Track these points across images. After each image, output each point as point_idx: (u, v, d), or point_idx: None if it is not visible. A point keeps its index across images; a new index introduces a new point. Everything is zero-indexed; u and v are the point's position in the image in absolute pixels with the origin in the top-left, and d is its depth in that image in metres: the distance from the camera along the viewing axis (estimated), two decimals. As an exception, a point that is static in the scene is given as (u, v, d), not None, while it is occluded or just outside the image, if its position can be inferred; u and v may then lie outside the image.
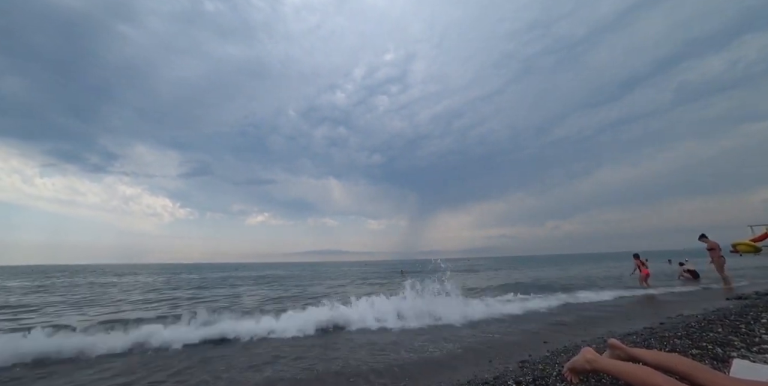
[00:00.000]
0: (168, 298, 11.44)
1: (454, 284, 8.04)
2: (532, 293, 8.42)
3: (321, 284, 17.05)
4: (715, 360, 2.46)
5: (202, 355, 4.28)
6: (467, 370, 3.37)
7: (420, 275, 23.60)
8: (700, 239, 9.64)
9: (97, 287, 17.10)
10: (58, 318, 7.62)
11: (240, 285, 17.45)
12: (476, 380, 2.89)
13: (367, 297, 7.20)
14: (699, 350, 2.75)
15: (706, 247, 9.61)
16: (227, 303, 9.66)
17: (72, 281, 22.28)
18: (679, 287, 9.68)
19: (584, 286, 10.39)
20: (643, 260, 10.75)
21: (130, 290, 15.13)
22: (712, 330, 3.47)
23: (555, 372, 2.45)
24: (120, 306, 9.58)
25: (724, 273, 9.41)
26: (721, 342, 2.95)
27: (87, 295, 12.74)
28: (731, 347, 2.76)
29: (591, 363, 2.07)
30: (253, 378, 3.35)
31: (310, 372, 3.47)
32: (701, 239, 9.62)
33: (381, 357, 3.99)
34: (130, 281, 21.38)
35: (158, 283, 19.82)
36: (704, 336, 3.26)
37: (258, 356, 4.17)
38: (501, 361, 3.57)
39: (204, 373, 3.54)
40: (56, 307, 9.36)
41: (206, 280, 22.31)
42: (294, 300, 10.32)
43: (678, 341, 3.15)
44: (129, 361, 4.10)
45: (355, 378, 3.25)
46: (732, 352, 2.60)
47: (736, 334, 3.20)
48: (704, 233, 9.62)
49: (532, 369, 2.93)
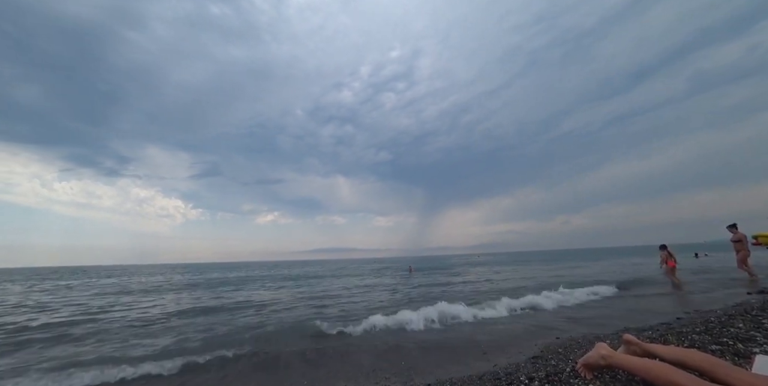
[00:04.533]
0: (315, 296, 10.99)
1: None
2: (543, 290, 8.28)
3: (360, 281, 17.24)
4: (736, 356, 2.37)
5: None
6: (480, 365, 3.36)
7: (427, 272, 23.55)
8: (729, 228, 8.97)
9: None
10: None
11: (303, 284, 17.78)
12: (488, 375, 2.87)
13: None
14: (719, 345, 2.66)
15: (732, 238, 8.99)
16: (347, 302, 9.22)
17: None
18: (698, 283, 9.33)
19: (593, 281, 10.14)
20: (670, 251, 10.00)
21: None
22: (732, 326, 3.36)
23: (569, 367, 2.41)
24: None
25: (748, 267, 8.91)
26: (743, 337, 2.84)
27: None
28: (753, 343, 2.67)
29: (606, 358, 2.02)
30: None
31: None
32: (730, 228, 8.96)
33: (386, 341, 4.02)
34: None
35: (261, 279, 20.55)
36: (724, 331, 3.15)
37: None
38: (512, 356, 3.54)
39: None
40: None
41: (268, 278, 22.27)
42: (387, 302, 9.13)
43: (696, 336, 3.06)
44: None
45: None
46: (754, 348, 2.51)
47: (759, 329, 3.09)
48: (735, 223, 8.89)
49: (544, 364, 2.89)
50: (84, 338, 5.77)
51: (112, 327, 6.62)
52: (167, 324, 6.84)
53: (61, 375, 3.76)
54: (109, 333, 6.07)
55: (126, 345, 5.07)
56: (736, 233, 8.94)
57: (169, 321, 7.10)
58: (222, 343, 4.77)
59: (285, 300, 10.03)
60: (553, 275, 14.72)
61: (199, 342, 5.06)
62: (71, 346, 5.28)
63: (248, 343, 4.78)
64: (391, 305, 8.16)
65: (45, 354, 4.79)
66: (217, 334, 5.60)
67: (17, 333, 6.22)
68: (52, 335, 6.04)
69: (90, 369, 3.89)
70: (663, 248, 10.28)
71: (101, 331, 6.26)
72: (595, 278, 12.07)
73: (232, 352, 4.32)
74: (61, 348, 5.15)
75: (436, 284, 13.53)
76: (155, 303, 10.52)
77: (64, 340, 5.69)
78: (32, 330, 6.49)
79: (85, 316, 8.11)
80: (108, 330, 6.34)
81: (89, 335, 5.97)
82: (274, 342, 4.87)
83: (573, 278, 12.90)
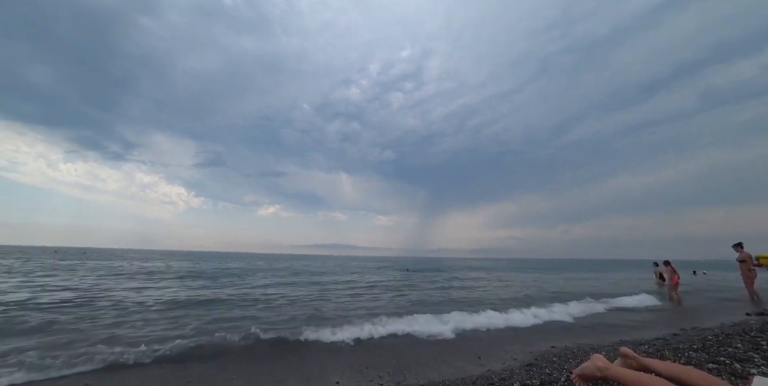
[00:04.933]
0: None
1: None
2: (542, 301, 8.24)
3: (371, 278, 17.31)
4: (733, 375, 2.36)
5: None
6: (473, 369, 3.37)
7: (424, 274, 23.47)
8: (734, 247, 8.65)
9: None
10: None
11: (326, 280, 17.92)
12: (481, 379, 2.88)
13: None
14: (716, 364, 2.65)
15: (737, 258, 8.65)
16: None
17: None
18: (696, 301, 9.25)
19: (592, 293, 10.09)
20: (674, 267, 9.94)
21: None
22: (730, 345, 3.33)
23: (563, 377, 2.42)
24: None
25: (753, 288, 8.67)
26: (741, 357, 2.83)
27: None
28: (751, 363, 2.65)
29: (602, 370, 2.01)
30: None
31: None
32: (735, 248, 8.64)
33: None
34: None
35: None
36: (722, 350, 3.14)
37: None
38: (506, 362, 3.55)
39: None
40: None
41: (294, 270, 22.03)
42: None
43: (693, 353, 3.04)
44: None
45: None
46: (752, 369, 2.49)
47: (757, 351, 3.07)
48: (741, 243, 8.60)
49: (539, 372, 2.90)
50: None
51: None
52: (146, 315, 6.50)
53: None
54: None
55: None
56: (742, 252, 8.66)
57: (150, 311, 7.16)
58: (217, 331, 4.83)
59: (288, 295, 10.08)
60: (555, 286, 14.66)
61: (193, 330, 5.12)
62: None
63: (242, 334, 4.81)
64: (387, 304, 8.19)
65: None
66: (212, 322, 5.66)
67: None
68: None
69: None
70: (666, 263, 10.28)
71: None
72: (589, 289, 11.97)
73: (228, 341, 4.38)
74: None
75: (433, 288, 13.54)
76: (160, 289, 10.62)
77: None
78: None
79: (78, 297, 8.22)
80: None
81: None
82: (269, 332, 4.90)
83: (570, 289, 12.85)
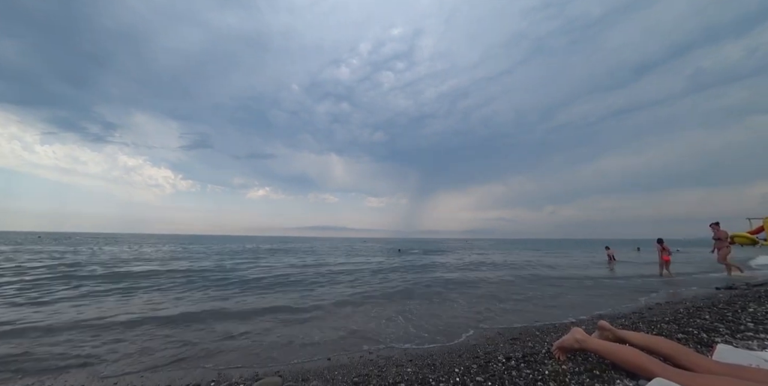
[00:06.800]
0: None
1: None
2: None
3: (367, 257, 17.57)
4: (699, 344, 2.55)
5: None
6: (458, 341, 3.55)
7: (416, 255, 24.01)
8: (711, 226, 9.57)
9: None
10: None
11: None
12: (467, 353, 3.04)
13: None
14: (685, 334, 2.85)
15: (714, 236, 9.58)
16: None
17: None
18: (675, 276, 9.80)
19: (572, 269, 10.54)
20: (665, 246, 10.46)
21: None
22: (699, 317, 3.58)
23: (544, 349, 2.57)
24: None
25: (726, 261, 9.46)
26: (707, 328, 3.05)
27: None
28: (716, 333, 2.86)
29: (580, 342, 2.16)
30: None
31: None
32: (712, 226, 9.57)
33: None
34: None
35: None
36: (691, 321, 3.37)
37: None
38: (491, 337, 3.75)
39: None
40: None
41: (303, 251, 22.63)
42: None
43: (665, 326, 3.26)
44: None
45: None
46: (716, 338, 2.70)
47: (723, 321, 3.31)
48: (717, 222, 9.54)
49: (522, 345, 3.07)
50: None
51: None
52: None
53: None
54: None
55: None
56: (718, 230, 9.48)
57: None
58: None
59: (292, 272, 10.23)
60: (540, 262, 15.24)
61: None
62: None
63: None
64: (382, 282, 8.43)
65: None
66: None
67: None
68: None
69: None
70: (659, 241, 10.64)
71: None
72: (570, 265, 12.50)
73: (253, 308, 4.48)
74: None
75: (422, 265, 13.92)
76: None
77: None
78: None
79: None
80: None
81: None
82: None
83: (551, 264, 13.39)
